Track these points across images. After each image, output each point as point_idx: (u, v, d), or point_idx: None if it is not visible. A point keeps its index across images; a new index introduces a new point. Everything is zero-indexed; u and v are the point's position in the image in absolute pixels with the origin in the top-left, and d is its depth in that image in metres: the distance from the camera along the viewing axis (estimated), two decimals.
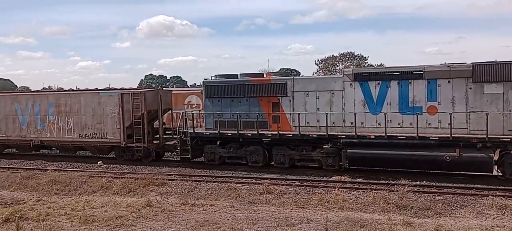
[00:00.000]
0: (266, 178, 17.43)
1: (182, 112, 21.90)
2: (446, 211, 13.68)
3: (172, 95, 25.27)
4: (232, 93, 20.37)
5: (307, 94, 19.06)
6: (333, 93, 18.57)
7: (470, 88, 16.62)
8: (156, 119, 23.89)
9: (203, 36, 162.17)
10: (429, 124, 17.26)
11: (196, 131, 20.97)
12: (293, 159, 19.48)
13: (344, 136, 18.10)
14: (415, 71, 17.54)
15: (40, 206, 15.26)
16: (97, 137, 23.08)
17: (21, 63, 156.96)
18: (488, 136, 15.98)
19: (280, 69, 55.75)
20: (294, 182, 16.95)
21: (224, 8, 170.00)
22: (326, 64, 73.82)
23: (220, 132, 20.28)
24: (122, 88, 24.72)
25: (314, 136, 18.79)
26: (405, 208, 13.81)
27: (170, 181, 18.01)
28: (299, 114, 19.08)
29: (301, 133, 18.89)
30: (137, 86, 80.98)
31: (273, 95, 19.70)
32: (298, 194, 15.61)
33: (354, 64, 72.58)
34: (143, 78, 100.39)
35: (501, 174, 16.52)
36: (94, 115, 23.09)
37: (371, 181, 17.10)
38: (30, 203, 15.58)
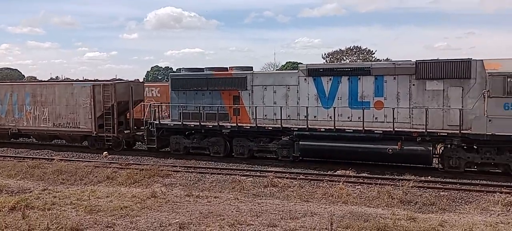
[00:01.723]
0: (271, 171, 17.14)
1: (149, 104, 22.14)
2: (450, 207, 13.33)
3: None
4: (196, 86, 20.82)
5: (265, 88, 19.64)
6: (289, 88, 19.17)
7: (414, 84, 17.11)
8: (128, 110, 24.27)
9: (210, 28, 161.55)
10: (376, 118, 17.76)
11: (161, 122, 21.27)
12: (252, 150, 19.91)
13: (296, 129, 18.58)
14: (364, 67, 18.03)
15: (46, 195, 14.85)
16: (70, 126, 23.37)
17: (29, 53, 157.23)
18: (427, 130, 16.49)
19: (287, 62, 55.48)
20: (299, 176, 16.71)
21: (233, 0, 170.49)
22: (333, 58, 70.25)
23: (184, 123, 20.74)
24: (95, 80, 24.73)
25: (269, 128, 19.23)
26: (409, 203, 13.52)
27: (175, 173, 17.78)
28: (256, 107, 19.49)
29: (258, 125, 19.33)
30: (144, 78, 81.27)
31: (234, 89, 20.22)
32: (302, 188, 15.35)
33: (360, 58, 70.67)
34: (149, 70, 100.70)
35: (441, 166, 17.05)
36: (68, 105, 23.38)
37: (375, 176, 16.71)
38: (36, 192, 15.18)
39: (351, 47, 72.64)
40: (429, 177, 16.30)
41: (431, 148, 16.61)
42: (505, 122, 15.16)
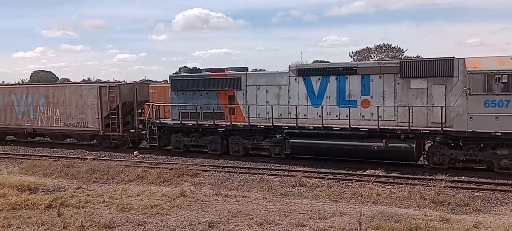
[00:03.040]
0: (299, 171, 16.63)
1: (152, 104, 22.30)
2: (485, 208, 12.28)
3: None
4: (194, 86, 20.81)
5: (258, 88, 19.62)
6: (280, 88, 19.15)
7: (398, 83, 16.92)
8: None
9: (237, 29, 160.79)
10: (363, 116, 17.64)
11: (162, 122, 21.27)
12: (246, 147, 19.91)
13: (287, 127, 18.55)
14: (351, 67, 17.97)
15: (80, 193, 14.65)
16: (80, 126, 23.57)
17: (63, 55, 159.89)
18: (410, 128, 16.38)
19: (314, 61, 54.84)
20: (327, 175, 16.04)
21: (260, 0, 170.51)
22: (360, 56, 64.92)
23: (182, 122, 20.67)
24: (101, 81, 25.10)
25: (262, 126, 19.17)
26: (442, 204, 12.47)
27: (204, 172, 17.29)
28: (249, 106, 19.52)
29: (251, 123, 19.29)
30: None
31: (229, 89, 20.17)
32: (331, 187, 14.70)
33: (389, 56, 63.08)
34: (177, 70, 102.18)
35: (427, 163, 16.86)
36: (77, 106, 23.50)
37: (406, 175, 15.69)
38: (70, 191, 14.95)
39: (380, 45, 68.25)
40: (463, 177, 15.27)
41: (415, 145, 16.37)
42: (485, 118, 15.04)
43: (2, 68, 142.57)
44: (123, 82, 25.21)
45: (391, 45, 65.95)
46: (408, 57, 57.89)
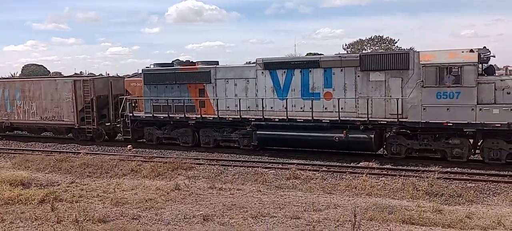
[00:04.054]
0: (293, 163, 16.27)
1: (125, 98, 21.96)
2: (478, 198, 11.96)
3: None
4: (166, 80, 20.59)
5: (227, 81, 19.52)
6: (248, 81, 19.10)
7: (359, 76, 17.01)
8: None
9: (231, 21, 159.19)
10: (326, 108, 17.71)
11: (134, 115, 21.12)
12: (217, 139, 19.86)
13: (254, 119, 18.56)
14: (314, 60, 18.01)
15: (74, 188, 14.17)
16: (56, 120, 23.25)
17: (54, 49, 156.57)
18: (369, 119, 16.55)
19: (307, 54, 54.88)
20: (321, 168, 15.70)
21: None
22: (354, 48, 63.36)
23: (154, 115, 20.50)
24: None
25: (230, 119, 19.12)
26: (435, 195, 12.14)
27: (198, 165, 16.80)
28: (217, 99, 19.40)
29: (220, 116, 19.21)
30: None
31: (199, 82, 19.99)
32: (325, 180, 14.24)
33: (382, 47, 60.75)
34: (170, 63, 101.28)
35: (386, 153, 17.19)
36: (53, 100, 23.09)
37: (399, 167, 15.28)
38: (64, 185, 14.46)
39: (373, 37, 65.44)
40: (456, 168, 14.78)
41: (373, 136, 16.59)
42: (438, 109, 15.37)
43: None
44: (97, 76, 24.87)
45: (383, 36, 65.79)
46: (399, 47, 58.02)
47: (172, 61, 23.58)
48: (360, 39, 65.95)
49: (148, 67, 21.87)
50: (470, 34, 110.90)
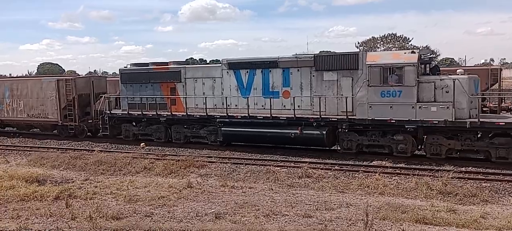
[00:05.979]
0: (305, 162, 14.97)
1: (104, 96, 21.62)
2: (493, 198, 10.84)
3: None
4: (140, 79, 20.19)
5: (196, 80, 19.14)
6: (214, 80, 18.84)
7: (313, 75, 16.84)
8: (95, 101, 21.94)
9: (244, 19, 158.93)
10: (284, 106, 17.59)
11: (111, 112, 20.75)
12: (187, 135, 19.54)
13: (219, 116, 18.20)
14: (273, 61, 17.76)
15: (88, 185, 13.09)
16: (41, 117, 22.73)
17: (69, 48, 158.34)
18: (321, 116, 16.42)
19: (320, 52, 55.19)
20: (333, 166, 14.50)
21: None
22: (367, 47, 59.59)
23: (129, 112, 20.07)
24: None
25: (197, 116, 18.75)
26: (449, 194, 11.03)
27: (210, 163, 15.60)
28: (186, 98, 19.01)
29: (188, 113, 18.80)
30: None
31: (171, 81, 19.67)
32: (337, 178, 13.25)
33: (396, 46, 55.99)
34: (185, 61, 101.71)
35: (339, 148, 17.06)
36: (38, 98, 22.41)
37: (413, 166, 13.84)
38: (78, 182, 13.38)
39: (386, 35, 61.94)
40: (470, 168, 13.44)
41: (325, 132, 16.56)
42: (382, 107, 15.57)
43: (10, 60, 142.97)
44: (79, 76, 23.57)
45: (396, 34, 64.46)
46: (414, 46, 56.81)
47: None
48: (373, 37, 64.14)
49: (125, 67, 21.59)
50: (486, 32, 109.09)
